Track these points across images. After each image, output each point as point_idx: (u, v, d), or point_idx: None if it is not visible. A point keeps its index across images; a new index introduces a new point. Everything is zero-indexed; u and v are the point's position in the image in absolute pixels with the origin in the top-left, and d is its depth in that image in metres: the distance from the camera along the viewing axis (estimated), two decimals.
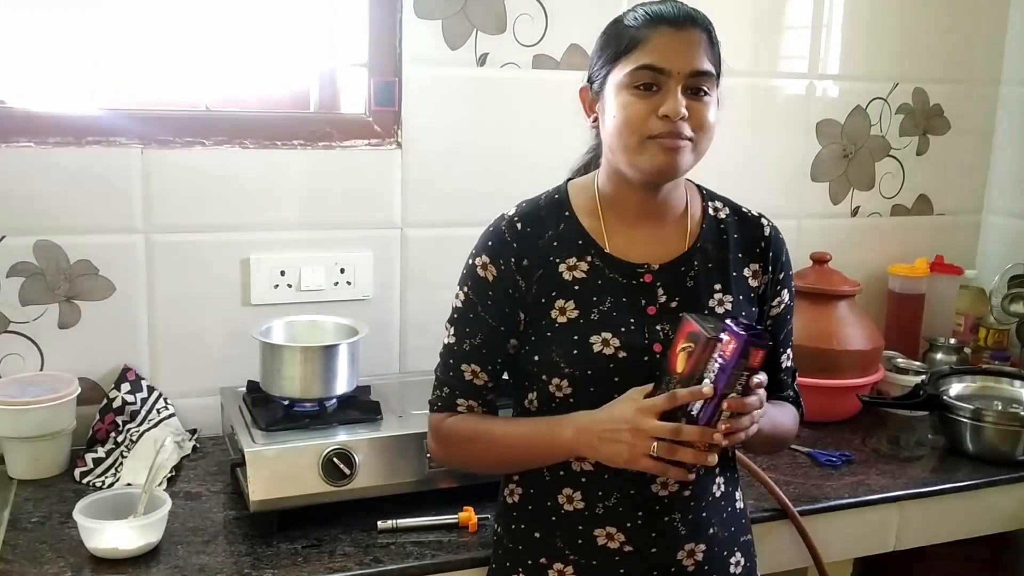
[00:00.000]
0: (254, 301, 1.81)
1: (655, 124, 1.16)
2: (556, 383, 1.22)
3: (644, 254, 1.26)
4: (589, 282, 1.24)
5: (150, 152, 1.71)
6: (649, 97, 1.17)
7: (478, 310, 1.26)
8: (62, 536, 1.41)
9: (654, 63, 1.16)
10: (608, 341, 1.21)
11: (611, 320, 1.22)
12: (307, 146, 1.82)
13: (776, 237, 1.34)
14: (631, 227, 1.27)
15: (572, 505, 1.24)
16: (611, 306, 1.23)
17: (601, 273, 1.24)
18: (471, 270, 1.27)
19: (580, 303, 1.23)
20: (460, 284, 1.29)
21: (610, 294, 1.23)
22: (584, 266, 1.25)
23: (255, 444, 1.44)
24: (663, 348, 1.21)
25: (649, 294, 1.25)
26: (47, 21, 1.71)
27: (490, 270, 1.25)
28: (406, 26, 1.84)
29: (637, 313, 1.23)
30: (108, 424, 1.70)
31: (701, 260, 1.28)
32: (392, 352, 1.94)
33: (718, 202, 1.35)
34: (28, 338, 1.70)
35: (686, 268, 1.27)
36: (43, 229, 1.67)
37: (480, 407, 1.29)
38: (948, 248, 2.44)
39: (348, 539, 1.43)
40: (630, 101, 1.17)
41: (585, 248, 1.25)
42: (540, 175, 1.89)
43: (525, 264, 1.24)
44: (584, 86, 1.28)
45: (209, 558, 1.36)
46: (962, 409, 1.83)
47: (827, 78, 2.25)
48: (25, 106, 1.67)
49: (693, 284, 1.27)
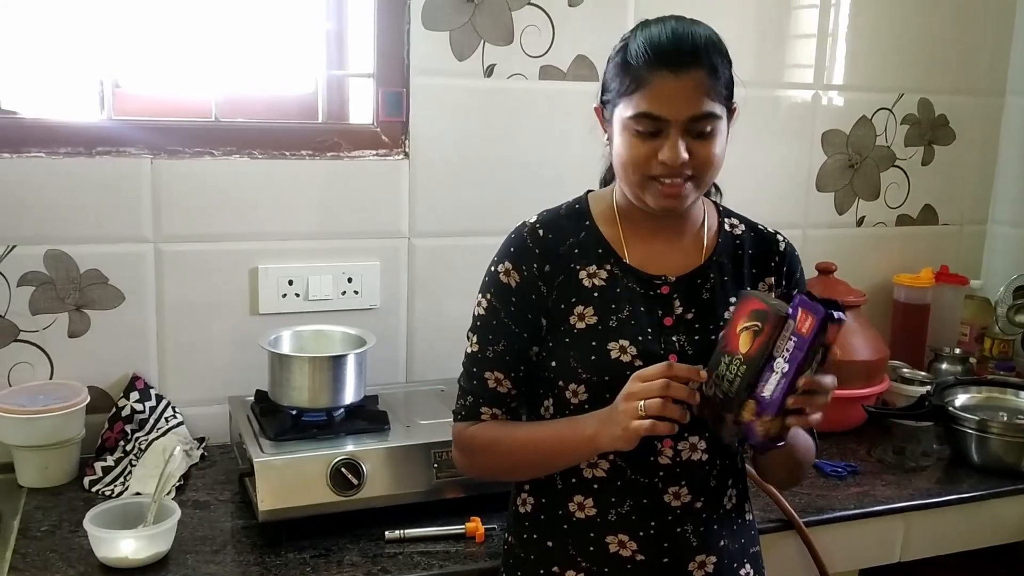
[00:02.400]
0: (262, 310, 1.82)
1: (656, 167, 1.18)
2: (573, 389, 1.23)
3: (661, 266, 1.28)
4: (608, 290, 1.25)
5: (159, 162, 1.73)
6: (650, 141, 1.18)
7: (501, 316, 1.26)
8: (72, 545, 1.41)
9: (652, 111, 1.16)
10: (625, 348, 1.22)
11: (629, 328, 1.23)
12: (315, 156, 1.83)
13: (791, 252, 1.35)
14: (649, 239, 1.29)
15: (584, 512, 1.25)
16: (629, 314, 1.24)
17: (620, 282, 1.26)
18: (493, 277, 1.28)
19: (599, 310, 1.24)
20: (482, 291, 1.29)
21: (628, 303, 1.25)
22: (603, 274, 1.26)
23: (264, 454, 1.45)
24: (678, 360, 1.20)
25: (666, 305, 1.26)
26: (57, 30, 1.72)
27: (513, 276, 1.26)
28: (414, 37, 1.85)
29: (654, 323, 1.25)
30: (117, 432, 1.71)
31: (717, 273, 1.29)
32: (399, 361, 1.94)
33: (734, 219, 1.36)
34: (38, 347, 1.71)
35: (702, 281, 1.28)
36: (53, 238, 1.69)
37: (504, 415, 1.29)
38: (953, 258, 2.44)
39: (356, 549, 1.43)
40: (632, 143, 1.19)
41: (605, 256, 1.27)
42: (547, 185, 1.92)
43: (547, 270, 1.25)
44: (598, 105, 1.29)
45: (218, 567, 1.37)
46: (967, 420, 1.83)
47: (832, 88, 2.26)
48: (35, 116, 1.69)
49: (709, 296, 1.28)
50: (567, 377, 1.23)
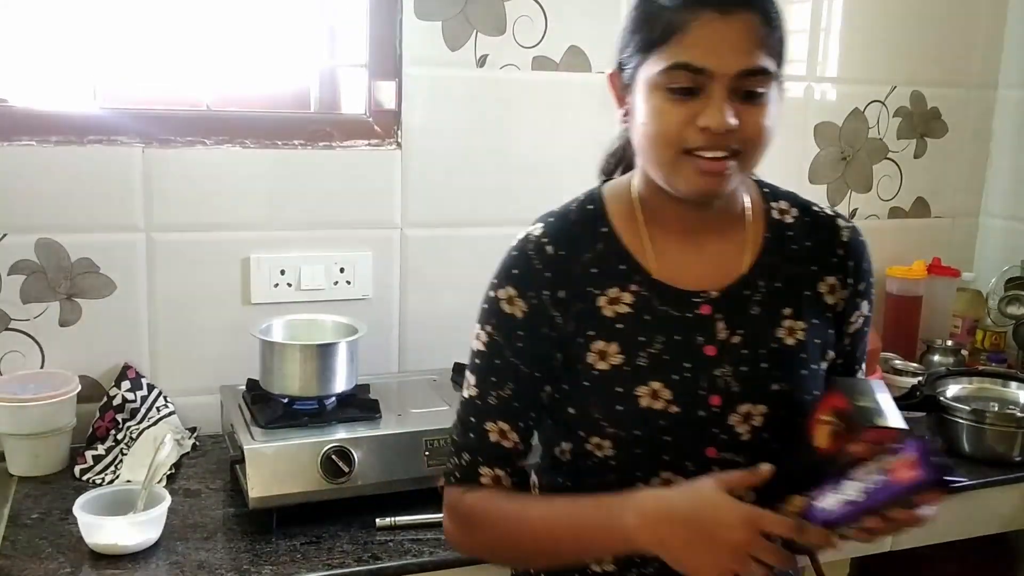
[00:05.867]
0: (254, 300, 1.82)
1: (693, 136, 0.95)
2: (596, 442, 1.03)
3: (698, 278, 1.04)
4: (635, 318, 1.02)
5: (151, 151, 1.72)
6: (687, 102, 0.94)
7: (505, 354, 1.03)
8: (62, 532, 1.41)
9: (693, 62, 0.93)
10: (657, 393, 1.00)
11: (661, 366, 1.00)
12: (307, 146, 1.83)
13: (856, 240, 1.12)
14: (679, 243, 1.05)
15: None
16: (661, 348, 1.01)
17: (648, 305, 1.02)
18: (493, 305, 1.04)
19: (624, 345, 1.01)
20: (480, 322, 1.06)
21: (660, 332, 1.02)
22: (628, 298, 1.02)
23: (254, 441, 1.45)
24: (723, 402, 1.00)
25: (706, 329, 1.02)
26: (49, 19, 1.72)
27: (518, 305, 1.03)
28: (406, 27, 1.84)
29: (692, 355, 1.01)
30: (108, 422, 1.70)
31: (767, 279, 1.05)
32: (391, 351, 1.94)
33: (783, 201, 1.12)
34: (29, 336, 1.71)
35: (750, 291, 1.04)
36: (44, 227, 1.68)
37: (509, 476, 1.05)
38: (945, 250, 2.45)
39: (347, 536, 1.43)
40: (664, 107, 0.95)
41: (628, 274, 1.03)
42: (539, 175, 1.93)
43: (561, 296, 1.02)
44: (613, 71, 1.05)
45: (208, 554, 1.37)
46: (959, 411, 1.83)
47: (825, 81, 2.26)
48: (27, 105, 1.68)
49: (759, 311, 1.04)
50: (588, 428, 1.02)
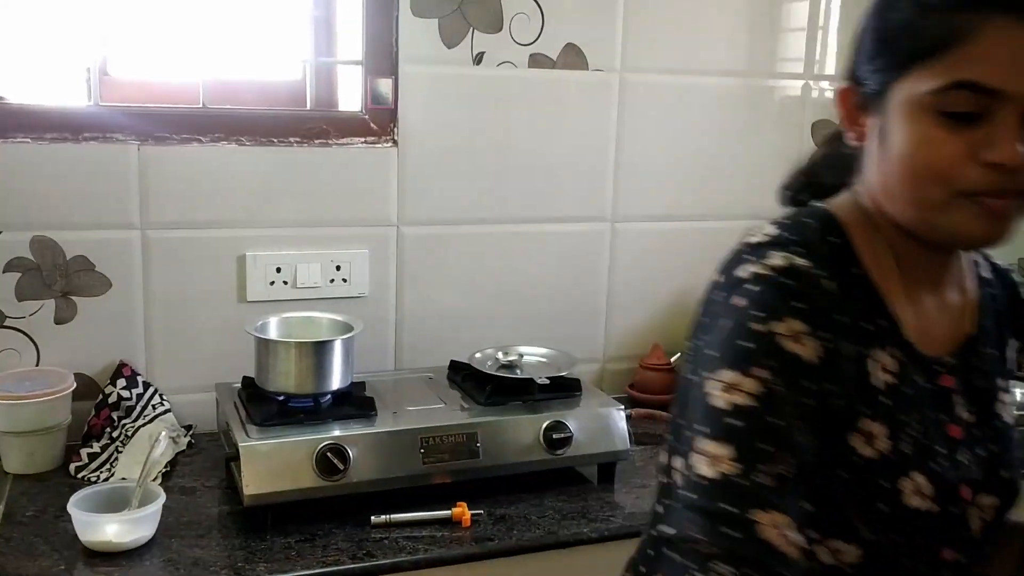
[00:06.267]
0: (250, 298, 1.82)
1: (975, 175, 0.76)
2: (836, 546, 0.80)
3: (934, 341, 0.86)
4: (899, 391, 0.81)
5: (147, 148, 1.72)
6: (966, 130, 0.75)
7: (788, 412, 0.73)
8: (56, 530, 1.41)
9: (983, 81, 0.73)
10: (920, 488, 0.80)
11: (922, 453, 0.81)
12: (303, 143, 1.82)
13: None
14: (917, 296, 0.86)
15: None
16: (921, 430, 0.82)
17: (908, 374, 0.83)
18: (767, 341, 0.75)
19: (892, 427, 0.80)
20: (737, 366, 0.75)
21: (916, 410, 0.82)
22: (890, 362, 0.81)
23: (249, 439, 1.44)
24: (972, 494, 0.83)
25: (947, 405, 0.85)
26: (44, 16, 1.72)
27: (808, 345, 0.75)
28: (403, 24, 1.84)
29: (942, 438, 0.84)
30: (103, 419, 1.70)
31: (983, 344, 0.90)
32: (387, 349, 1.94)
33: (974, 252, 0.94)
34: (24, 333, 1.70)
35: (976, 360, 0.88)
36: (39, 225, 1.68)
37: None
38: None
39: (342, 534, 1.43)
40: (935, 135, 0.76)
41: (888, 333, 0.83)
42: (536, 174, 1.93)
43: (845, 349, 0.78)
44: (847, 87, 0.87)
45: (203, 552, 1.36)
46: None
47: (823, 79, 2.26)
48: (22, 101, 1.68)
49: (985, 384, 0.88)
50: (831, 530, 0.80)
